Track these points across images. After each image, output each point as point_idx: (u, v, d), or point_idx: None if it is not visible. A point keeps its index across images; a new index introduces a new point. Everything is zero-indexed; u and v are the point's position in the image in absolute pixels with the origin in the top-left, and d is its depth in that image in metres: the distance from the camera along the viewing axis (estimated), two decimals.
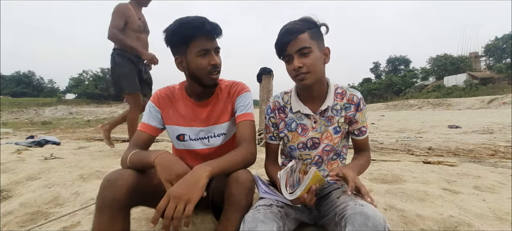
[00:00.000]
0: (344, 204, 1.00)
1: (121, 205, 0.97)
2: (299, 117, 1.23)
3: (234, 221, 1.02)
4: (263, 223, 0.92)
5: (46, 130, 10.30)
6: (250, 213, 0.99)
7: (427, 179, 1.96)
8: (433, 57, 48.13)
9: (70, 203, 1.77)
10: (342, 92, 1.21)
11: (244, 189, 1.06)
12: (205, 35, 1.13)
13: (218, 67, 1.19)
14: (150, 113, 1.31)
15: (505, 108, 17.78)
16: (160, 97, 1.32)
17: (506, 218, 1.30)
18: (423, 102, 27.71)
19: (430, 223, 1.25)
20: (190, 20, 1.12)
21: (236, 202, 1.04)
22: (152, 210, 1.48)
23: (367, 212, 0.87)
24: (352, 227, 0.86)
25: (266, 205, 1.04)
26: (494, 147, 4.20)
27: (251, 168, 2.53)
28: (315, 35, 1.10)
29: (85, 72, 52.77)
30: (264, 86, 4.08)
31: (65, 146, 4.65)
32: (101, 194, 0.97)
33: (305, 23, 1.09)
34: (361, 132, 1.24)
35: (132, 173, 1.03)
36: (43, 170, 2.55)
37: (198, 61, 1.15)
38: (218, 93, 1.32)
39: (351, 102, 1.19)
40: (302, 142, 1.23)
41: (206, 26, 1.11)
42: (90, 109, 30.27)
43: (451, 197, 1.58)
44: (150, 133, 1.29)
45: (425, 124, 9.37)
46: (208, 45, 1.14)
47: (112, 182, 0.98)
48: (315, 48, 1.09)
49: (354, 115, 1.20)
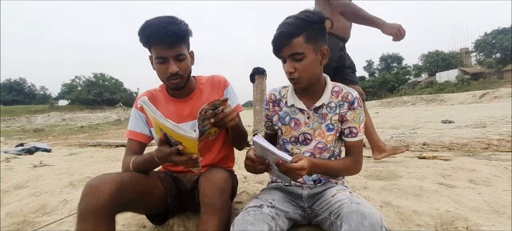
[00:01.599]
0: (339, 202, 0.97)
1: (104, 212, 0.92)
2: (293, 111, 1.21)
3: (211, 224, 0.98)
4: (253, 225, 0.89)
5: (38, 137, 10.13)
6: (239, 216, 0.96)
7: (423, 174, 1.94)
8: (425, 54, 48.74)
9: (58, 211, 1.71)
10: (338, 90, 1.17)
11: (217, 190, 1.03)
12: (160, 44, 1.09)
13: (176, 75, 1.14)
14: (136, 120, 1.28)
15: (497, 102, 18.05)
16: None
17: (502, 211, 1.29)
18: (416, 98, 27.99)
19: (427, 218, 1.22)
20: (148, 25, 1.08)
21: (210, 203, 1.01)
22: (142, 216, 1.43)
23: (364, 211, 0.85)
24: (349, 227, 0.84)
25: (256, 206, 1.00)
26: (487, 141, 4.23)
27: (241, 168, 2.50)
28: (312, 36, 1.03)
29: (78, 78, 52.01)
30: (257, 86, 4.05)
31: (56, 153, 4.56)
32: (83, 201, 0.92)
33: (303, 23, 1.01)
34: (351, 133, 1.15)
35: (115, 177, 0.98)
36: (31, 178, 2.48)
37: (157, 67, 1.15)
38: (199, 87, 1.33)
39: (345, 100, 1.15)
40: (294, 135, 1.20)
41: (159, 34, 1.06)
42: (83, 115, 29.89)
43: (447, 191, 1.57)
44: (141, 140, 1.26)
45: (419, 120, 9.44)
46: (165, 53, 1.11)
47: (94, 188, 0.93)
48: (310, 51, 1.04)
49: (346, 113, 1.14)
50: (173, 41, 1.09)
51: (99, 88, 49.46)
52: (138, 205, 1.10)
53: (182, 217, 1.41)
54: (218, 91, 1.34)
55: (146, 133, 1.27)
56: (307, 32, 1.01)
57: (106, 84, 52.20)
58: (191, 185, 1.29)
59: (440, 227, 1.18)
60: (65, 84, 52.07)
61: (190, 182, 1.30)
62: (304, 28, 1.01)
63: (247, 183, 1.93)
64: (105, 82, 52.27)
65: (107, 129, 14.16)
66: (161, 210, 1.22)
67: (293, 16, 1.03)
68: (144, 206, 1.14)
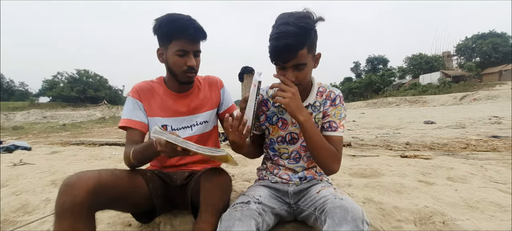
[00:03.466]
0: (323, 198, 1.01)
1: (82, 209, 0.90)
2: (281, 111, 1.22)
3: (210, 223, 0.99)
4: (240, 221, 0.91)
5: (18, 135, 9.74)
6: (227, 212, 0.97)
7: (404, 172, 2.02)
8: (409, 57, 50.13)
9: (39, 210, 1.66)
10: (323, 90, 1.21)
11: (220, 191, 1.05)
12: (187, 37, 1.15)
13: (194, 69, 1.21)
14: (133, 108, 1.26)
15: (476, 104, 18.82)
16: (140, 90, 1.30)
17: (476, 206, 1.36)
18: (400, 100, 28.80)
19: (406, 214, 1.28)
20: (177, 18, 1.14)
21: (212, 204, 1.03)
22: (128, 215, 1.42)
23: (347, 206, 0.89)
24: (332, 221, 0.87)
25: (244, 202, 1.02)
26: (466, 141, 4.42)
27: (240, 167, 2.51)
28: (312, 45, 1.04)
29: (60, 74, 50.25)
30: (246, 85, 4.07)
31: (36, 151, 4.41)
32: (60, 199, 0.90)
33: (305, 33, 0.98)
34: (331, 126, 1.15)
35: (92, 175, 0.96)
36: (11, 177, 2.40)
37: (175, 59, 1.19)
38: (197, 85, 1.38)
39: (328, 98, 1.19)
40: (281, 135, 1.23)
41: (190, 29, 1.13)
42: (66, 113, 28.91)
43: (426, 188, 1.64)
44: (140, 129, 1.25)
45: (403, 120, 9.73)
46: (188, 48, 1.17)
47: (71, 185, 0.91)
48: (310, 60, 1.05)
49: (328, 109, 1.17)
50: (199, 37, 1.19)
51: (82, 85, 48.00)
52: (121, 204, 1.09)
53: (169, 215, 1.41)
54: (215, 91, 1.41)
55: (144, 122, 1.27)
56: (309, 43, 1.00)
57: (90, 81, 50.70)
58: (181, 181, 1.29)
59: (419, 222, 1.24)
60: (46, 80, 50.16)
61: (181, 178, 1.30)
62: (306, 38, 0.99)
63: (235, 180, 1.94)
64: (89, 79, 50.75)
65: (90, 127, 13.79)
66: (146, 209, 1.22)
67: (293, 23, 0.97)
68: (127, 204, 1.13)
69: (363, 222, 0.85)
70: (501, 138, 4.61)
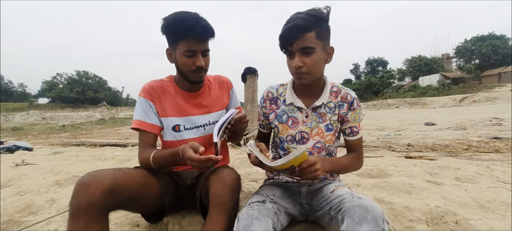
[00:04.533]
0: (339, 197, 0.99)
1: (97, 209, 0.89)
2: (292, 110, 1.20)
3: (220, 223, 0.98)
4: (258, 220, 0.90)
5: (17, 136, 9.70)
6: (244, 211, 0.96)
7: (411, 172, 2.01)
8: (408, 59, 50.19)
9: (45, 211, 1.65)
10: (337, 90, 1.19)
11: (229, 190, 1.04)
12: (194, 37, 1.13)
13: (202, 68, 1.19)
14: (145, 109, 1.22)
15: (475, 106, 18.85)
16: (151, 90, 1.26)
17: (487, 206, 1.36)
18: (400, 101, 28.80)
19: (418, 214, 1.27)
20: (184, 17, 1.11)
21: (221, 203, 1.01)
22: (136, 215, 1.40)
23: (366, 205, 0.87)
24: (351, 220, 0.85)
25: (260, 201, 1.01)
26: (468, 142, 4.42)
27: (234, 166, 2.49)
28: (322, 33, 1.04)
29: (59, 75, 50.18)
30: (249, 86, 4.05)
31: (38, 152, 4.39)
32: (75, 198, 0.89)
33: (314, 20, 1.01)
34: (352, 132, 1.19)
35: (108, 174, 0.95)
36: (14, 177, 2.38)
37: (183, 59, 1.17)
38: (208, 84, 1.37)
39: (345, 101, 1.17)
40: (291, 134, 1.20)
41: (197, 28, 1.10)
42: (65, 114, 28.80)
43: (435, 188, 1.63)
44: (154, 132, 1.23)
45: (403, 122, 9.73)
46: (196, 47, 1.15)
47: (86, 184, 0.90)
48: (319, 48, 1.04)
49: (346, 114, 1.17)
50: (207, 36, 1.16)
51: (82, 86, 47.97)
52: (133, 204, 1.08)
53: (177, 215, 1.39)
54: (225, 90, 1.41)
55: (156, 123, 1.24)
56: (317, 29, 1.02)
57: (90, 83, 50.67)
58: (191, 181, 1.28)
59: (431, 222, 1.23)
60: (45, 81, 50.09)
61: (191, 178, 1.29)
62: (315, 24, 1.01)
63: (241, 181, 1.93)
64: (88, 80, 50.72)
65: (90, 128, 13.74)
66: (156, 209, 1.20)
67: (303, 12, 1.03)
68: (139, 205, 1.12)
69: (384, 221, 0.84)
70: (503, 139, 4.61)
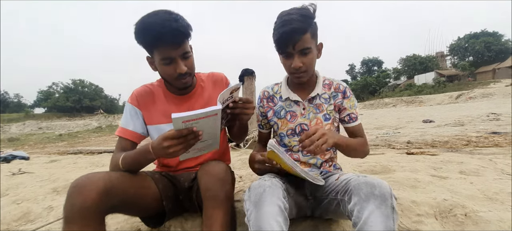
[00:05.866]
0: (345, 180, 0.98)
1: (92, 212, 0.85)
2: (288, 104, 1.24)
3: (217, 218, 0.95)
4: (270, 188, 0.91)
5: (14, 146, 9.58)
6: (256, 182, 0.96)
7: (415, 167, 1.99)
8: (403, 58, 50.55)
9: (42, 218, 1.61)
10: (329, 83, 1.25)
11: (218, 181, 0.99)
12: (166, 44, 1.01)
13: (185, 74, 1.09)
14: (130, 116, 1.18)
15: (472, 102, 18.99)
16: (138, 97, 1.21)
17: (495, 198, 1.34)
18: (397, 100, 28.93)
19: (426, 208, 1.25)
20: (151, 24, 0.99)
21: (213, 196, 0.97)
22: (136, 219, 1.37)
23: (373, 181, 0.86)
24: (358, 197, 0.84)
25: (271, 176, 1.02)
26: (467, 138, 4.43)
27: (236, 168, 2.47)
28: (314, 32, 1.09)
29: (55, 85, 49.83)
30: (246, 87, 4.04)
31: (35, 160, 4.32)
32: (68, 202, 0.85)
33: (307, 20, 1.04)
34: (351, 118, 1.22)
35: (103, 176, 0.91)
36: (11, 186, 2.34)
37: (163, 68, 1.07)
38: (200, 84, 1.28)
39: (338, 91, 1.22)
40: (291, 128, 1.22)
41: (165, 35, 0.98)
42: (61, 123, 28.59)
43: (441, 182, 1.61)
44: (133, 140, 1.17)
45: (401, 120, 9.76)
46: (172, 54, 1.03)
47: (81, 187, 0.86)
48: (314, 46, 1.10)
49: (342, 102, 1.22)
50: (180, 40, 1.03)
51: (78, 95, 47.65)
52: (130, 207, 1.04)
53: (180, 218, 1.36)
54: (220, 88, 1.27)
55: (138, 131, 1.18)
56: (311, 28, 1.06)
57: (86, 91, 50.40)
58: (189, 183, 1.23)
59: (439, 215, 1.20)
60: (41, 91, 49.73)
61: (188, 180, 1.24)
62: (309, 24, 1.05)
63: (243, 182, 1.90)
64: (84, 89, 50.44)
65: (87, 137, 13.63)
66: (155, 212, 1.16)
67: (295, 12, 1.05)
68: (137, 208, 1.08)
69: (392, 197, 0.82)
70: (501, 133, 4.62)
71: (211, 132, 0.94)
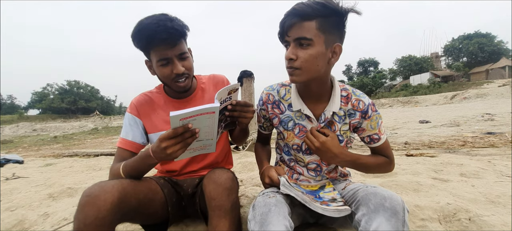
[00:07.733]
0: (353, 190, 0.95)
1: (105, 224, 0.82)
2: (299, 116, 1.08)
3: (222, 227, 0.93)
4: (276, 207, 0.86)
5: (7, 149, 9.42)
6: (260, 199, 0.92)
7: (416, 170, 1.99)
8: (399, 59, 50.96)
9: (38, 226, 1.57)
10: (347, 95, 1.04)
11: (224, 190, 0.97)
12: (161, 45, 1.00)
13: (182, 75, 1.07)
14: (130, 126, 1.16)
15: (466, 102, 19.19)
16: (138, 106, 1.18)
17: (497, 201, 1.33)
18: (393, 101, 29.14)
19: (430, 212, 1.24)
20: (145, 27, 0.99)
21: (218, 206, 0.95)
22: (137, 228, 1.33)
23: (383, 193, 0.83)
24: (367, 208, 0.81)
25: (274, 191, 0.97)
26: (463, 138, 4.46)
27: (236, 171, 2.44)
28: (327, 26, 0.88)
29: (50, 86, 49.37)
30: (245, 89, 4.02)
31: (29, 164, 4.24)
32: (82, 212, 0.82)
33: (320, 8, 0.86)
34: (373, 140, 1.07)
35: (116, 184, 0.89)
36: (4, 192, 2.28)
37: (160, 70, 1.06)
38: (201, 86, 1.26)
39: (357, 109, 1.04)
40: (297, 144, 1.11)
41: (160, 34, 0.97)
42: (56, 125, 28.23)
43: (443, 185, 1.60)
44: (133, 151, 1.15)
45: (398, 121, 9.80)
46: (168, 54, 1.02)
47: (94, 197, 0.83)
48: (320, 41, 0.89)
49: (361, 123, 1.05)
50: (175, 39, 1.01)
51: (73, 96, 47.25)
52: (139, 214, 1.02)
53: (181, 224, 1.33)
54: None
55: (137, 141, 1.16)
56: (322, 19, 0.87)
57: (81, 92, 50.03)
58: (192, 189, 1.21)
59: (443, 220, 1.19)
60: (35, 92, 49.20)
61: (192, 186, 1.22)
62: (319, 13, 0.86)
63: (244, 186, 1.88)
64: (80, 90, 50.07)
65: (83, 139, 13.44)
66: (160, 218, 1.14)
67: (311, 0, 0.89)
68: (145, 214, 1.05)
69: (404, 210, 0.79)
70: (496, 134, 4.66)
71: (208, 131, 0.91)
